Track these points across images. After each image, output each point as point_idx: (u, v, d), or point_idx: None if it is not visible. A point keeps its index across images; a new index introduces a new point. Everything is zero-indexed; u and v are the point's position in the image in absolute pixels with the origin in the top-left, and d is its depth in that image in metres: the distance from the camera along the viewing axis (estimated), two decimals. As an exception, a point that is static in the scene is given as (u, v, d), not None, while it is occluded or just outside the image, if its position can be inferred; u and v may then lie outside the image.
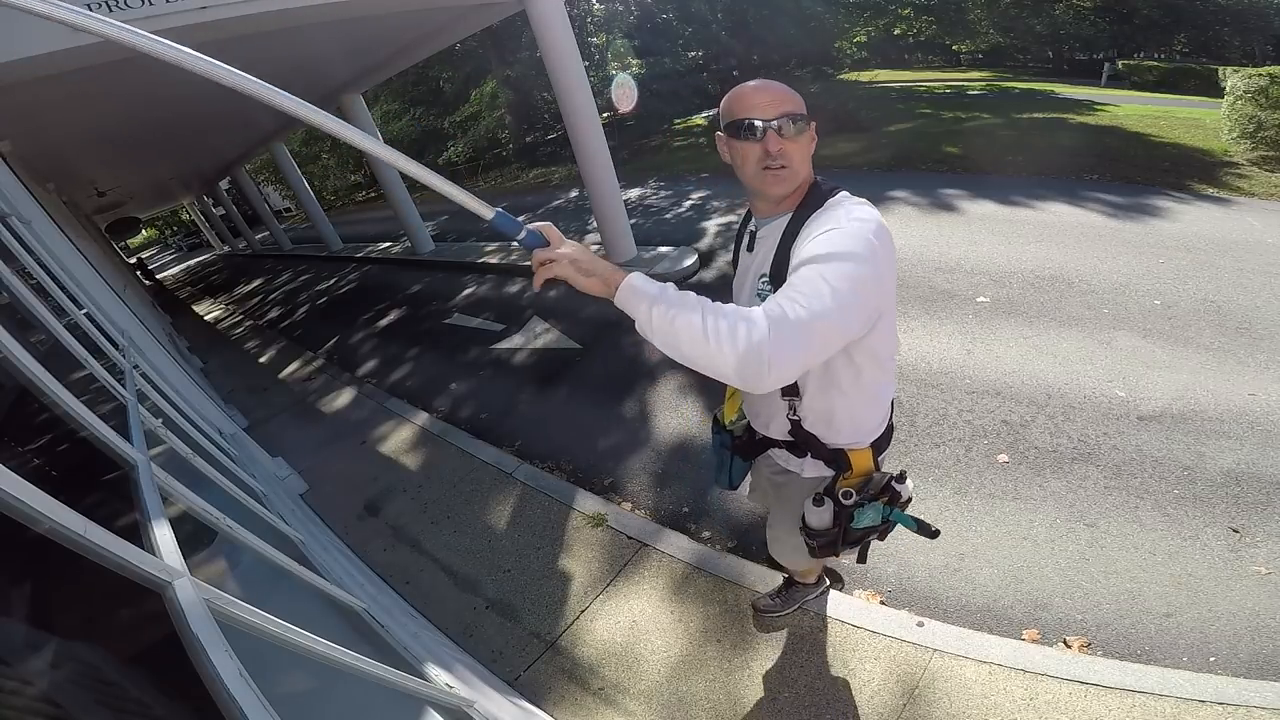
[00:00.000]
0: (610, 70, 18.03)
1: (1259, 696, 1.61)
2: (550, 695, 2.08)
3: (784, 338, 0.80)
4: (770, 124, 0.99)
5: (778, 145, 1.00)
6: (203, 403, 3.80)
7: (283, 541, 2.20)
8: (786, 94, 1.02)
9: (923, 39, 25.74)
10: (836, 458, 1.25)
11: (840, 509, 1.23)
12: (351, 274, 10.92)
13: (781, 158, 1.01)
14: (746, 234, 1.21)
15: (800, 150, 1.03)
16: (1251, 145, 7.28)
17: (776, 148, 1.00)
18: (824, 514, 1.25)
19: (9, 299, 1.93)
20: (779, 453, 1.39)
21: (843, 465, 1.25)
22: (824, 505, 1.25)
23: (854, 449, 1.24)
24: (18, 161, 4.33)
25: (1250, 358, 3.16)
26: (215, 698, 0.80)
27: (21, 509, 0.76)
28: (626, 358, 4.49)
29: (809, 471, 1.33)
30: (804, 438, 1.26)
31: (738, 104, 1.03)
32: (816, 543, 1.31)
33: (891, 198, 6.63)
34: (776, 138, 1.00)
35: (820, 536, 1.29)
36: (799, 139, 1.02)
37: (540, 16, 5.08)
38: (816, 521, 1.27)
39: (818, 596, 2.08)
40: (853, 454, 1.24)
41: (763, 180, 1.04)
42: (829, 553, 1.34)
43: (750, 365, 0.80)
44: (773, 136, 1.00)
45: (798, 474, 1.36)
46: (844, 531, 1.27)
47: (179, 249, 36.68)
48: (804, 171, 1.05)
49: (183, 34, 3.34)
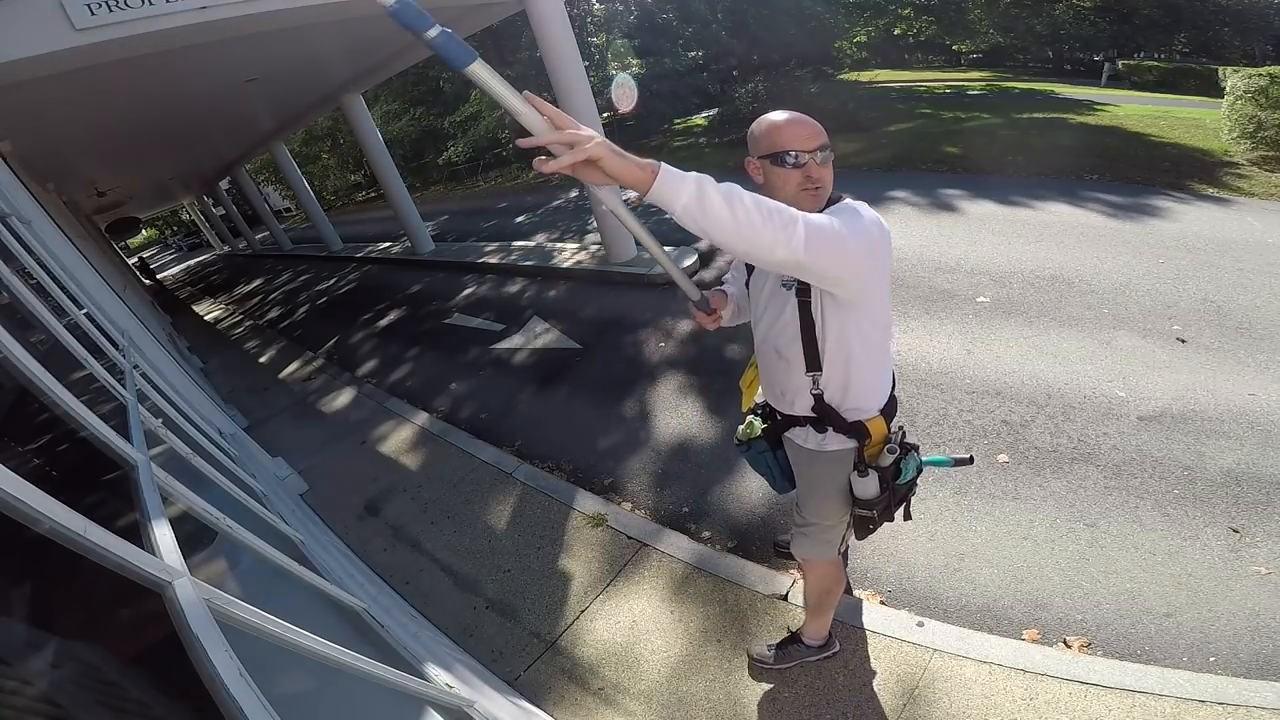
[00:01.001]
0: (610, 70, 18.02)
1: (1259, 696, 1.61)
2: (550, 695, 2.08)
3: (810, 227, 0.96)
4: (812, 155, 1.17)
5: (818, 173, 1.18)
6: (203, 402, 3.80)
7: (283, 541, 2.20)
8: (818, 128, 1.20)
9: (923, 39, 25.75)
10: (856, 429, 1.36)
11: (883, 471, 1.37)
12: (351, 274, 10.92)
13: (818, 180, 1.19)
14: None
15: (829, 172, 1.21)
16: (1251, 145, 7.27)
17: (817, 175, 1.18)
18: (870, 483, 1.38)
19: (9, 299, 1.93)
20: (799, 432, 1.47)
21: (863, 434, 1.36)
22: (869, 475, 1.37)
23: (869, 418, 1.36)
24: (18, 161, 4.33)
25: (1250, 358, 3.16)
26: (215, 698, 0.80)
27: (21, 509, 0.76)
28: (626, 358, 4.49)
29: (831, 444, 1.41)
30: (824, 411, 1.36)
31: (777, 137, 1.19)
32: (875, 512, 1.43)
33: (891, 198, 6.63)
34: (816, 166, 1.18)
35: (875, 505, 1.41)
36: (828, 164, 1.20)
37: (540, 16, 5.09)
38: (865, 491, 1.39)
39: (820, 659, 1.95)
40: (870, 423, 1.36)
41: (801, 199, 1.19)
42: (886, 519, 1.48)
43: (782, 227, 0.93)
44: (813, 165, 1.17)
45: (818, 450, 1.44)
46: (892, 491, 1.41)
47: (179, 249, 36.70)
48: (829, 189, 1.23)
49: (183, 34, 3.34)
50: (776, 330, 1.33)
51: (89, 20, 2.90)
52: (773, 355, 1.38)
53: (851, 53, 22.35)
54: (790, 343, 1.30)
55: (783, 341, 1.33)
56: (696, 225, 0.90)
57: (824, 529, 1.55)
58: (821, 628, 1.90)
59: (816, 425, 1.41)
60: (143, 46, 3.33)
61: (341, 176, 28.52)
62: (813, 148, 1.17)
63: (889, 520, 1.49)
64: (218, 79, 5.71)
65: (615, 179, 0.88)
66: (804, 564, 1.74)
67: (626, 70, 18.02)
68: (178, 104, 6.20)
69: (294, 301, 10.36)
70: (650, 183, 0.87)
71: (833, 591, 1.78)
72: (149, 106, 5.92)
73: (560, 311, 5.81)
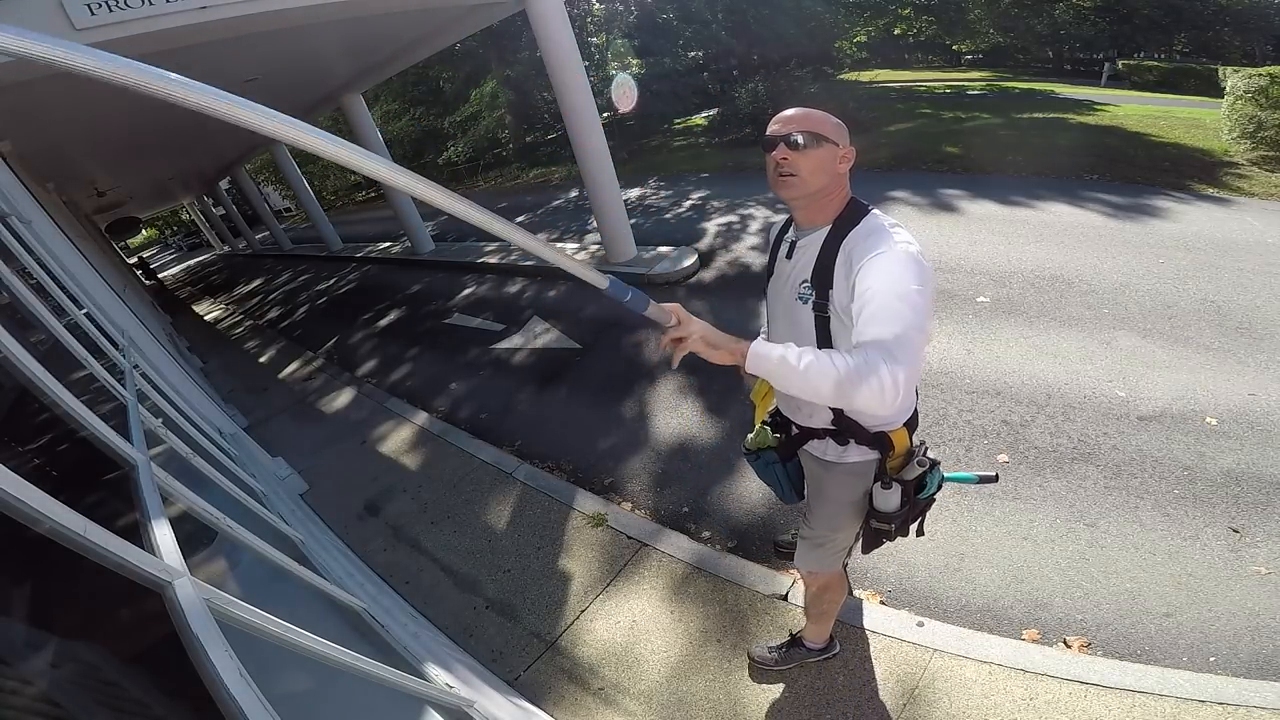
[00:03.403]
0: (610, 70, 18.02)
1: (1259, 696, 1.61)
2: (550, 695, 2.08)
3: (897, 359, 0.97)
4: (781, 138, 1.16)
5: (783, 155, 1.15)
6: (203, 402, 3.80)
7: (283, 541, 2.20)
8: (805, 115, 1.17)
9: (923, 39, 25.74)
10: (879, 439, 1.32)
11: (906, 484, 1.33)
12: (351, 274, 10.92)
13: (788, 167, 1.16)
14: (785, 242, 1.33)
15: (809, 163, 1.15)
16: (1251, 145, 7.27)
17: (781, 157, 1.16)
18: (893, 495, 1.34)
19: (9, 299, 1.93)
20: (818, 444, 1.43)
21: (885, 446, 1.32)
22: (892, 487, 1.33)
23: (892, 429, 1.32)
24: (18, 161, 4.33)
25: (1250, 358, 3.16)
26: (215, 698, 0.80)
27: (21, 509, 0.76)
28: (626, 358, 4.49)
29: (852, 456, 1.38)
30: (846, 424, 1.33)
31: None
32: (892, 525, 1.39)
33: (891, 198, 6.63)
34: (784, 148, 1.15)
35: (894, 518, 1.37)
36: (806, 152, 1.15)
37: (540, 16, 5.08)
38: (887, 503, 1.35)
39: (821, 660, 1.95)
40: (893, 435, 1.32)
41: (775, 184, 1.20)
42: (903, 533, 1.44)
43: (879, 392, 0.97)
44: (781, 148, 1.15)
45: (836, 462, 1.41)
46: (913, 505, 1.37)
47: (179, 249, 36.65)
48: (815, 183, 1.17)
49: (183, 34, 3.34)
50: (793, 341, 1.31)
51: (89, 20, 2.90)
52: None
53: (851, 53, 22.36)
54: None
55: None
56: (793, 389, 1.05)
57: (832, 541, 1.52)
58: (822, 632, 1.89)
59: (837, 437, 1.37)
60: (143, 46, 3.33)
61: (341, 176, 28.49)
62: (784, 131, 1.16)
63: (904, 535, 1.45)
64: (218, 79, 5.68)
65: (712, 360, 1.08)
66: (805, 575, 1.72)
67: (626, 70, 18.02)
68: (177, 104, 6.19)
69: (294, 301, 10.36)
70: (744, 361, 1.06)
71: (834, 600, 1.76)
72: (149, 107, 5.90)
73: (560, 311, 5.81)
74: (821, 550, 1.55)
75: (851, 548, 1.54)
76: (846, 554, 1.56)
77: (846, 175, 1.22)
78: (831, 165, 1.17)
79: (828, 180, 1.18)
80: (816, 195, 1.19)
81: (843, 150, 1.18)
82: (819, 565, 1.58)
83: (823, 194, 1.19)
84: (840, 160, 1.18)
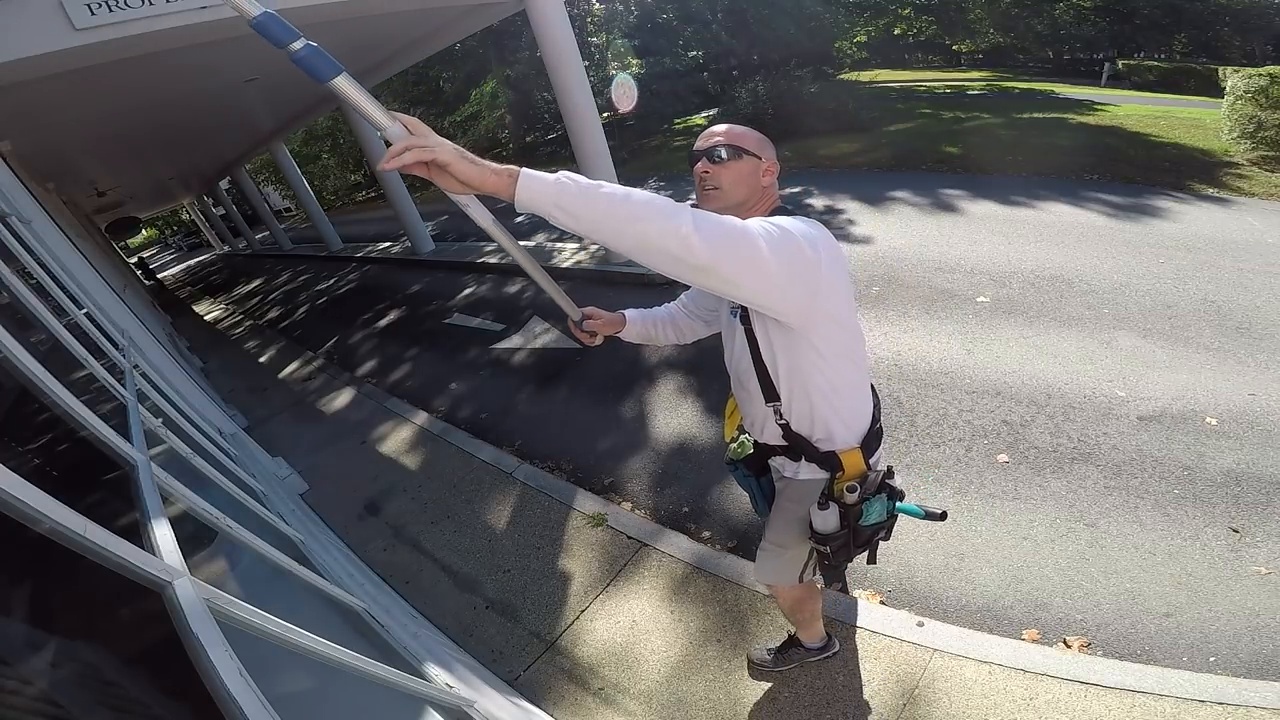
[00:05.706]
0: (610, 70, 18.03)
1: (1259, 696, 1.61)
2: (550, 695, 2.08)
3: (700, 226, 0.86)
4: (704, 152, 1.20)
5: (704, 168, 1.20)
6: (203, 402, 3.80)
7: (283, 541, 2.20)
8: (728, 130, 1.21)
9: (923, 39, 25.73)
10: (829, 459, 1.31)
11: (845, 509, 1.28)
12: (351, 274, 10.91)
13: (710, 180, 1.20)
14: None
15: (730, 175, 1.19)
16: (1251, 145, 7.27)
17: (704, 170, 1.20)
18: (830, 516, 1.29)
19: (9, 299, 1.93)
20: (778, 460, 1.45)
21: (835, 466, 1.30)
22: (829, 508, 1.29)
23: (844, 450, 1.30)
24: (18, 161, 4.32)
25: (1250, 358, 3.16)
26: (215, 698, 0.80)
27: (21, 509, 0.76)
28: (626, 358, 4.49)
29: (804, 474, 1.38)
30: (795, 440, 1.32)
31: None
32: (830, 548, 1.33)
33: (891, 198, 6.63)
34: (706, 162, 1.20)
35: (832, 540, 1.32)
36: (727, 165, 1.18)
37: (540, 16, 5.08)
38: (824, 525, 1.31)
39: (820, 659, 1.94)
40: (843, 455, 1.30)
41: (700, 198, 1.23)
42: (843, 558, 1.37)
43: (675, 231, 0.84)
44: (704, 162, 1.20)
45: (791, 479, 1.42)
46: (854, 532, 1.31)
47: (179, 249, 36.67)
48: (735, 194, 1.20)
49: (183, 34, 3.34)
50: (735, 360, 1.33)
51: (89, 20, 2.90)
52: (737, 385, 1.38)
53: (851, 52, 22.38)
54: (747, 373, 1.28)
55: (741, 371, 1.31)
56: (577, 225, 0.84)
57: (780, 555, 1.51)
58: (814, 634, 1.89)
59: (790, 454, 1.38)
60: (142, 46, 3.33)
61: (341, 176, 28.49)
62: (705, 146, 1.20)
63: (847, 560, 1.40)
64: (217, 79, 5.71)
65: (471, 186, 0.83)
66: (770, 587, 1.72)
67: (626, 70, 18.03)
68: (177, 104, 6.19)
69: (294, 301, 10.36)
70: (512, 187, 0.82)
71: (811, 610, 1.76)
72: (149, 106, 5.92)
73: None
74: (776, 562, 1.53)
75: (809, 566, 1.51)
76: (805, 573, 1.52)
77: (773, 188, 1.25)
78: (754, 178, 1.20)
79: (748, 193, 1.20)
80: (738, 208, 1.19)
81: (765, 163, 1.21)
82: (773, 577, 1.58)
83: (744, 207, 1.20)
84: (764, 173, 1.21)
